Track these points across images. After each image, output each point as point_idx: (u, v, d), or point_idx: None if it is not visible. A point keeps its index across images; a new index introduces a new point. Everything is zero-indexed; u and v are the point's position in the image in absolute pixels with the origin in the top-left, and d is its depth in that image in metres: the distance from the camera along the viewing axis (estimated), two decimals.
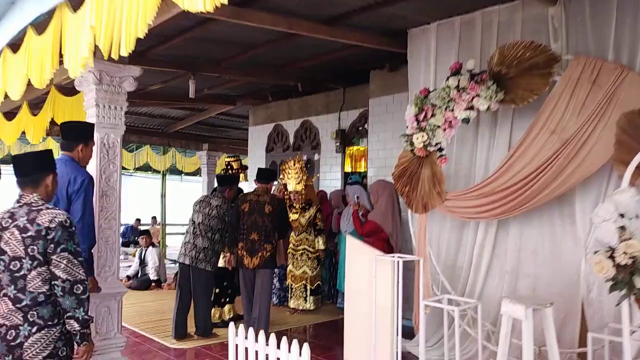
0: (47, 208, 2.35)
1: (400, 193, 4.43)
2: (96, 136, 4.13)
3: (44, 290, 2.28)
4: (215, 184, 5.94)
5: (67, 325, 2.31)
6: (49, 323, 2.28)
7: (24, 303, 2.26)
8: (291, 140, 8.19)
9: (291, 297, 6.26)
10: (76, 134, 3.66)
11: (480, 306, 3.77)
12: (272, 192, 5.33)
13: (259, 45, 5.49)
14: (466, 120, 3.87)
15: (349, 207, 5.70)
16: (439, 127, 3.97)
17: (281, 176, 6.25)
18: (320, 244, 6.14)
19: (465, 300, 3.97)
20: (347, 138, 7.28)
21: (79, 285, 2.29)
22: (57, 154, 3.52)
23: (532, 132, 3.67)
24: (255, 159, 8.79)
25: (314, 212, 6.09)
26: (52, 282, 2.28)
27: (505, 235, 4.25)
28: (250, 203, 4.95)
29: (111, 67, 4.17)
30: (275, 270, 5.47)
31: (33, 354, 2.24)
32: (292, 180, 6.00)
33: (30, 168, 2.44)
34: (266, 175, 5.18)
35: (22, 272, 2.27)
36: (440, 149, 4.07)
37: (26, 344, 2.23)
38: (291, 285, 6.26)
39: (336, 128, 7.33)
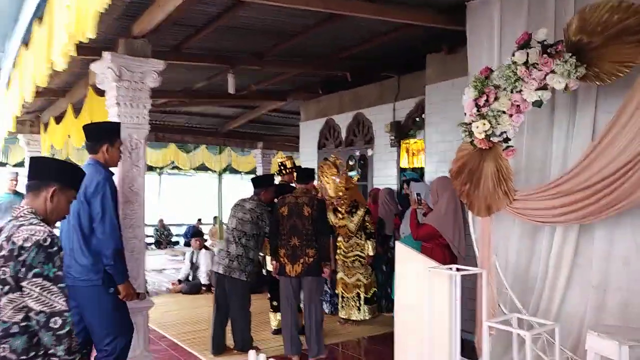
0: (31, 223, 2.00)
1: (459, 193, 3.78)
2: None
3: (17, 320, 1.94)
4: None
5: None
6: (23, 357, 1.94)
7: None
8: (343, 135, 7.65)
9: (342, 306, 5.74)
10: (98, 134, 3.40)
11: (559, 329, 3.09)
12: (313, 193, 4.80)
13: (298, 32, 4.99)
14: (538, 104, 3.17)
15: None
16: (504, 112, 3.30)
17: (319, 178, 5.71)
18: (369, 249, 5.56)
19: (539, 322, 3.28)
20: (402, 130, 6.64)
21: (56, 319, 1.93)
22: None
23: (623, 115, 2.92)
24: (307, 156, 8.34)
25: (362, 214, 5.51)
26: (29, 314, 1.94)
27: (589, 241, 3.50)
28: (289, 206, 4.47)
29: (132, 61, 3.85)
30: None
31: None
32: (330, 185, 5.48)
33: (34, 172, 2.16)
34: (305, 175, 4.66)
35: None
36: (507, 139, 3.39)
37: None
38: (342, 294, 5.74)
39: (391, 120, 6.71)
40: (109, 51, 3.84)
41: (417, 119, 6.44)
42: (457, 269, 3.46)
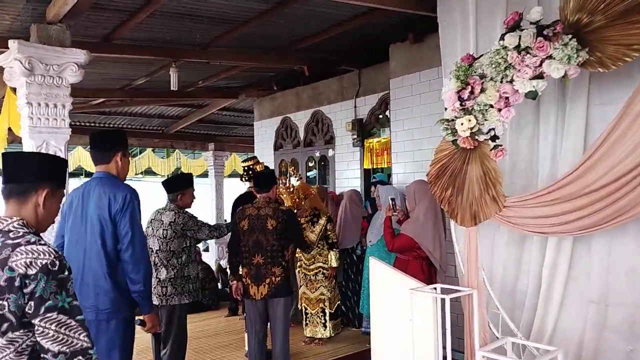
0: (29, 242, 1.59)
1: (440, 199, 3.30)
2: (30, 144, 3.14)
3: None
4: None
5: None
6: None
7: None
8: (301, 134, 7.09)
9: (307, 324, 5.20)
10: (112, 140, 2.94)
11: (562, 356, 2.66)
12: (278, 202, 4.17)
13: (249, 19, 4.41)
14: (532, 95, 2.71)
15: (379, 212, 4.60)
16: (491, 106, 2.83)
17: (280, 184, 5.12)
18: (332, 260, 5.03)
19: (536, 346, 2.86)
20: (365, 129, 6.15)
21: (80, 358, 1.58)
22: None
23: (634, 106, 2.50)
24: (263, 158, 7.72)
25: (324, 223, 4.97)
26: (42, 356, 1.56)
27: (586, 250, 3.09)
28: (250, 219, 3.85)
29: (46, 51, 3.17)
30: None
31: None
32: (286, 199, 4.90)
33: (14, 173, 1.72)
34: (263, 181, 4.03)
35: None
36: (494, 137, 2.93)
37: None
38: (305, 309, 5.19)
39: (352, 118, 6.20)
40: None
41: (381, 116, 5.98)
42: (442, 290, 2.99)
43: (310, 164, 7.13)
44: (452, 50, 3.80)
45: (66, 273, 1.60)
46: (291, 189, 4.90)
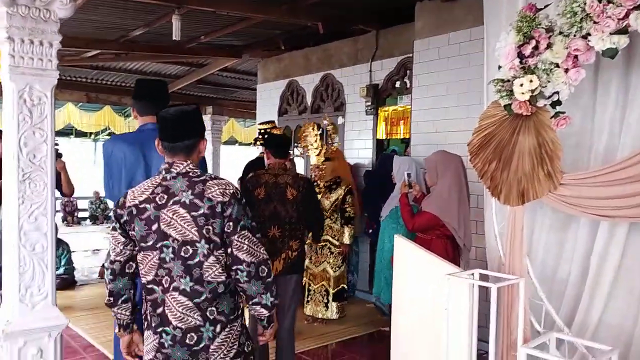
0: (212, 178, 1.96)
1: (480, 173, 2.89)
2: (11, 88, 2.68)
3: (223, 278, 1.91)
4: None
5: (253, 312, 2.00)
6: (231, 317, 1.95)
7: (203, 297, 1.88)
8: (309, 100, 6.63)
9: (308, 301, 4.84)
10: (160, 91, 2.87)
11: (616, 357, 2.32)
12: (294, 170, 3.75)
13: None
14: (611, 52, 2.28)
15: (397, 186, 4.20)
16: (557, 66, 2.40)
17: (298, 146, 4.70)
18: (346, 237, 4.65)
19: (587, 344, 2.51)
20: (380, 96, 5.70)
21: (263, 267, 1.94)
22: None
23: None
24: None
25: (343, 193, 4.56)
26: (234, 267, 1.91)
27: None
28: (267, 187, 3.38)
29: None
30: None
31: (221, 357, 1.91)
32: (312, 152, 4.48)
33: (185, 131, 1.98)
34: (283, 146, 3.57)
35: (196, 259, 1.88)
36: (557, 103, 2.51)
37: (212, 346, 1.90)
38: (309, 285, 4.84)
39: (367, 83, 5.74)
40: None
41: (399, 83, 5.52)
42: (481, 276, 2.62)
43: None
44: (496, 6, 3.34)
45: (244, 201, 1.96)
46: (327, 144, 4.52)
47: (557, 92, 2.46)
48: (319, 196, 4.57)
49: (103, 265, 6.56)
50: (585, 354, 2.62)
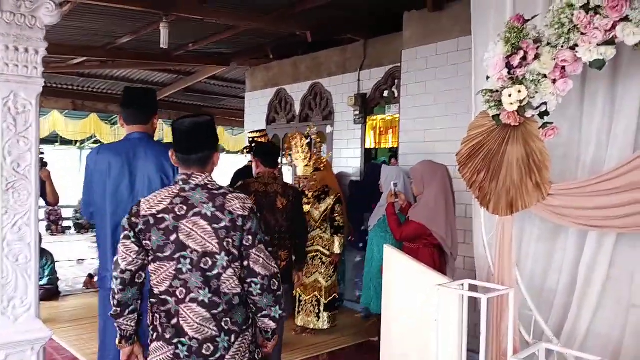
0: (230, 192, 2.00)
1: (469, 183, 2.89)
2: None
3: (239, 290, 1.95)
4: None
5: (260, 324, 2.03)
6: (244, 327, 1.98)
7: (220, 308, 1.90)
8: (297, 108, 6.63)
9: (299, 311, 4.81)
10: (148, 100, 2.82)
11: None
12: (283, 179, 3.73)
13: None
14: (599, 64, 2.31)
15: (384, 196, 4.20)
16: (545, 76, 2.42)
17: (285, 155, 4.69)
18: (336, 246, 4.64)
19: (578, 355, 2.51)
20: (369, 105, 5.71)
21: (274, 280, 1.99)
22: None
23: None
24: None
25: (332, 203, 4.55)
26: (248, 280, 1.95)
27: (629, 248, 2.75)
28: (257, 196, 3.35)
29: None
30: None
31: None
32: (300, 162, 4.47)
33: (199, 143, 1.99)
34: (272, 154, 3.54)
35: (215, 271, 1.89)
36: (544, 113, 2.53)
37: (227, 356, 1.92)
38: (299, 296, 4.80)
39: (355, 92, 5.76)
40: None
41: (387, 92, 5.54)
42: (470, 287, 2.61)
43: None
44: (483, 17, 3.36)
45: (259, 215, 2.01)
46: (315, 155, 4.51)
47: (545, 103, 2.48)
48: (308, 207, 4.55)
49: (89, 275, 6.54)
50: None
